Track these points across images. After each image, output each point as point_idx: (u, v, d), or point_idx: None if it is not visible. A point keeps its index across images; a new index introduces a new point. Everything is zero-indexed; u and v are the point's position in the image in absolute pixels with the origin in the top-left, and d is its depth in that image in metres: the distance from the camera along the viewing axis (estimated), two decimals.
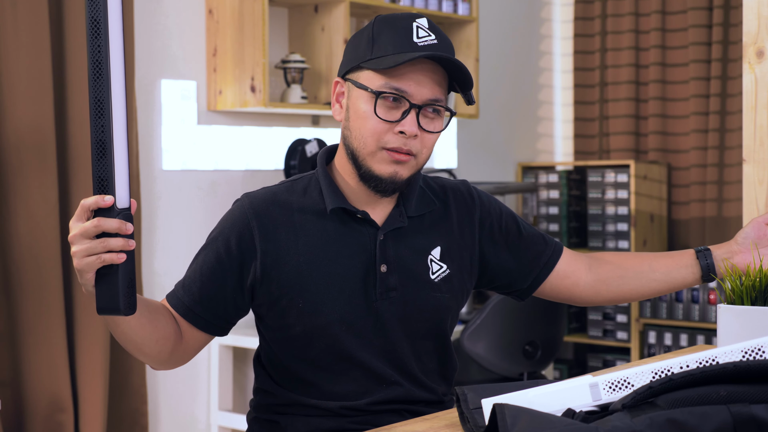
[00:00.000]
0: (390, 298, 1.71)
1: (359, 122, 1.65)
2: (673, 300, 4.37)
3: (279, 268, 1.68)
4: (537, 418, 1.22)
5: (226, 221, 1.73)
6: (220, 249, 1.69)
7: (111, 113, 1.37)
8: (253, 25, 3.43)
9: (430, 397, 1.77)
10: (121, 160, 1.40)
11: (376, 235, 1.71)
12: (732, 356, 1.35)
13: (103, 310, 1.40)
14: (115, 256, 1.37)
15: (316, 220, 1.71)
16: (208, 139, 3.60)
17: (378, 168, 1.65)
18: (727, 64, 4.46)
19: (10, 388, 3.01)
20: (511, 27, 4.84)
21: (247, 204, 1.72)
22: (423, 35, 1.65)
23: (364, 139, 1.65)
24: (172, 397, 3.52)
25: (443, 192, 1.83)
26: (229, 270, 1.69)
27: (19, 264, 2.98)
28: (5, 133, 2.96)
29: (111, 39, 1.34)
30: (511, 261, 1.86)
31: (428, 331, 1.76)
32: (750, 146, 2.40)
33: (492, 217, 1.85)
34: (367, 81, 1.66)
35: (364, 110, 1.65)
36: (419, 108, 1.64)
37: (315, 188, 1.74)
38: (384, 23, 1.67)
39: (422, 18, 1.67)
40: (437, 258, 1.76)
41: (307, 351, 1.71)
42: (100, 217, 1.38)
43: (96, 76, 1.34)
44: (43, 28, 2.98)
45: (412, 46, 1.63)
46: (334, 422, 1.71)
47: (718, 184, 4.47)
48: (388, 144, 1.64)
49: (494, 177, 4.75)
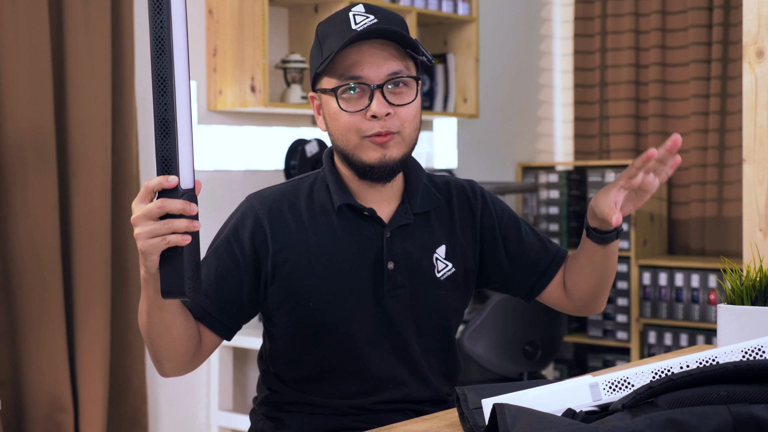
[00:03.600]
0: (398, 295, 1.71)
1: (335, 123, 1.68)
2: (673, 300, 4.37)
3: (289, 267, 1.69)
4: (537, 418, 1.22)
5: (237, 221, 1.72)
6: (235, 249, 1.69)
7: (174, 91, 1.30)
8: (253, 25, 3.43)
9: (434, 397, 1.77)
10: (185, 139, 1.33)
11: (383, 233, 1.72)
12: (732, 356, 1.35)
13: (168, 293, 1.37)
14: (180, 237, 1.35)
15: (324, 218, 1.72)
16: (208, 139, 3.60)
17: (366, 157, 1.67)
18: (727, 64, 4.46)
19: (10, 388, 3.01)
20: (511, 27, 4.84)
21: (257, 203, 1.72)
22: (361, 20, 1.66)
23: (344, 137, 1.67)
24: (172, 397, 3.52)
25: (447, 189, 1.83)
26: (244, 270, 1.69)
27: (19, 264, 2.98)
28: (5, 133, 2.96)
29: (174, 15, 1.30)
30: (507, 264, 1.85)
31: (434, 329, 1.77)
32: (750, 146, 2.40)
33: (493, 217, 1.85)
34: (327, 84, 1.69)
35: (334, 110, 1.68)
36: (381, 87, 1.65)
37: (321, 186, 1.75)
38: (324, 25, 1.70)
39: (358, 5, 1.69)
40: (442, 257, 1.77)
41: (317, 349, 1.71)
42: (164, 198, 1.34)
43: (159, 53, 1.30)
44: (43, 28, 2.98)
45: (351, 33, 1.64)
46: (338, 421, 1.72)
47: (718, 184, 4.47)
48: (366, 132, 1.66)
49: (494, 177, 4.75)
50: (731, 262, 1.95)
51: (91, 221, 3.10)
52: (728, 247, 4.46)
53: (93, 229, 3.10)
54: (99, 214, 3.11)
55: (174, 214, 1.35)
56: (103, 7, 3.12)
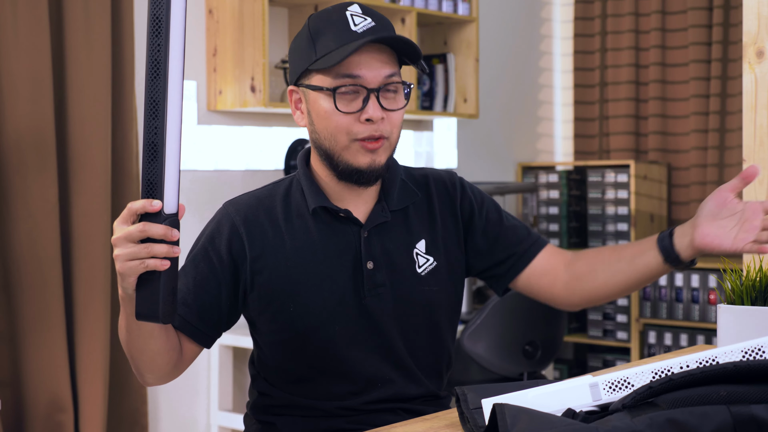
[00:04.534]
0: (379, 294, 1.70)
1: (324, 122, 1.65)
2: (673, 300, 4.37)
3: (268, 273, 1.68)
4: (537, 418, 1.22)
5: (213, 229, 1.71)
6: (212, 258, 1.68)
7: (166, 115, 1.31)
8: (253, 25, 3.43)
9: (425, 393, 1.76)
10: (173, 163, 1.34)
11: (360, 233, 1.71)
12: (732, 356, 1.35)
13: (142, 316, 1.37)
14: (158, 262, 1.35)
15: (300, 222, 1.71)
16: (208, 139, 3.60)
17: (355, 160, 1.65)
18: (727, 64, 4.46)
19: (10, 388, 3.01)
20: (511, 27, 4.84)
21: (233, 211, 1.72)
22: (359, 21, 1.65)
23: (333, 137, 1.65)
24: (172, 397, 3.52)
25: (425, 182, 1.81)
26: (222, 279, 1.68)
27: (19, 264, 2.98)
28: (5, 133, 2.96)
29: (172, 39, 1.30)
30: (487, 248, 1.82)
31: (420, 325, 1.75)
32: (750, 146, 2.40)
33: (473, 203, 1.83)
34: (320, 81, 1.65)
35: (325, 109, 1.65)
36: (377, 91, 1.64)
37: (297, 190, 1.74)
38: (318, 21, 1.67)
39: (353, 5, 1.67)
40: (423, 251, 1.75)
41: (301, 353, 1.71)
42: (146, 221, 1.35)
43: (153, 76, 1.29)
44: (43, 28, 2.98)
45: (352, 35, 1.63)
46: (330, 423, 1.71)
47: (718, 184, 4.46)
48: (358, 135, 1.64)
49: (494, 177, 4.75)
50: (731, 262, 1.95)
51: (91, 221, 3.10)
52: None
53: (93, 229, 3.10)
54: (99, 214, 3.11)
55: (155, 239, 1.35)
56: (103, 7, 3.12)
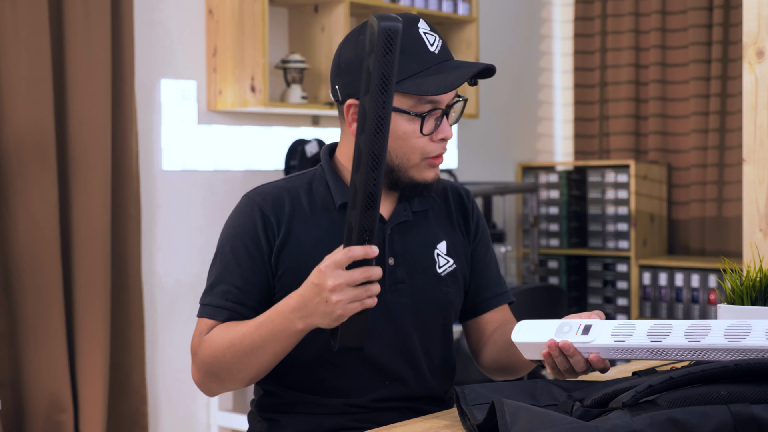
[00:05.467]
0: (399, 290, 1.72)
1: (401, 142, 1.67)
2: (673, 300, 4.37)
3: (292, 261, 1.69)
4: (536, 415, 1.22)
5: (246, 222, 1.71)
6: (253, 251, 1.69)
7: (383, 168, 1.40)
8: (253, 25, 3.42)
9: (432, 394, 1.78)
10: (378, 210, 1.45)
11: (384, 229, 1.73)
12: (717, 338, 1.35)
13: (345, 348, 1.50)
14: (373, 300, 1.47)
15: (324, 215, 1.72)
16: (208, 139, 3.60)
17: (421, 176, 1.69)
18: (727, 64, 4.46)
19: (10, 388, 3.01)
20: (511, 27, 4.84)
21: (260, 200, 1.72)
22: (432, 41, 1.67)
23: (407, 156, 1.68)
24: (172, 397, 3.52)
25: (443, 191, 1.86)
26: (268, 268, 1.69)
27: (19, 264, 2.98)
28: (5, 133, 2.96)
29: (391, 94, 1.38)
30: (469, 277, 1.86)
31: (435, 325, 1.77)
32: (750, 146, 2.40)
33: (479, 226, 1.88)
34: (398, 103, 1.64)
35: (404, 130, 1.66)
36: (448, 110, 1.68)
37: (320, 184, 1.75)
38: None
39: (421, 21, 1.68)
40: (444, 253, 1.78)
41: (314, 345, 1.71)
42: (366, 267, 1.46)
43: (377, 131, 1.37)
44: (43, 28, 2.98)
45: (432, 57, 1.65)
46: (336, 420, 1.71)
47: (718, 184, 4.47)
48: (431, 154, 1.68)
49: (494, 177, 4.75)
50: (731, 262, 1.95)
51: (91, 221, 3.10)
52: (728, 247, 4.46)
53: (93, 229, 3.10)
54: (99, 214, 3.11)
55: None
56: (103, 7, 3.12)
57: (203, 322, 1.69)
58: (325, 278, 1.46)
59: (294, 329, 1.55)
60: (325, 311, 1.48)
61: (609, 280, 4.58)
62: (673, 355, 1.39)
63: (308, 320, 1.52)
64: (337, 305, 1.46)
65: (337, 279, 1.45)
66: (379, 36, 1.34)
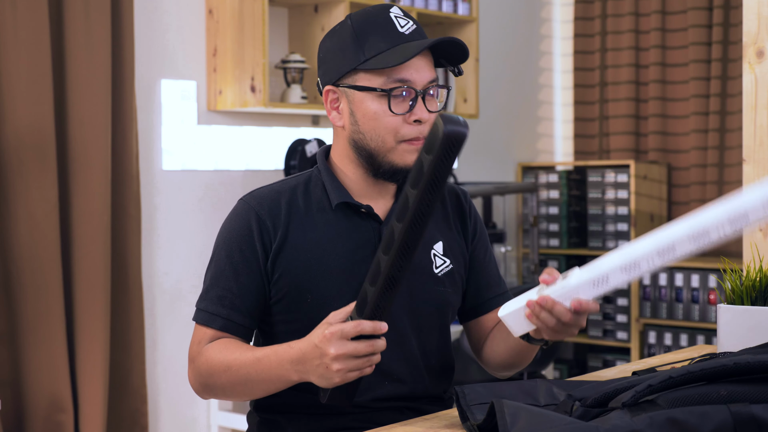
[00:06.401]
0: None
1: (372, 123, 1.67)
2: (673, 300, 4.37)
3: (288, 263, 1.69)
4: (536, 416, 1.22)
5: (242, 225, 1.71)
6: (249, 256, 1.69)
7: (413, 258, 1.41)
8: (253, 25, 3.43)
9: (431, 394, 1.78)
10: None
11: (380, 229, 1.73)
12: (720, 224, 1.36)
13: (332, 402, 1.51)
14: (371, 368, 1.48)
15: (322, 215, 1.72)
16: (208, 139, 3.60)
17: (401, 160, 1.68)
18: (727, 64, 4.46)
19: (10, 388, 3.01)
20: (511, 27, 4.84)
21: (255, 204, 1.72)
22: (404, 23, 1.68)
23: (382, 138, 1.67)
24: (172, 397, 3.52)
25: None
26: (263, 272, 1.70)
27: (19, 264, 2.98)
28: (5, 133, 2.96)
29: None
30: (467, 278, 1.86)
31: (432, 325, 1.77)
32: (750, 146, 2.40)
33: (477, 227, 1.88)
34: (368, 82, 1.67)
35: (374, 110, 1.66)
36: (423, 93, 1.67)
37: (317, 185, 1.75)
38: (362, 21, 1.69)
39: (393, 7, 1.70)
40: (440, 253, 1.78)
41: None
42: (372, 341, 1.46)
43: (416, 224, 1.38)
44: (43, 28, 2.98)
45: (401, 36, 1.66)
46: (336, 420, 1.71)
47: (718, 184, 4.47)
48: (406, 136, 1.67)
49: (494, 177, 4.75)
50: (731, 262, 1.95)
51: (91, 221, 3.10)
52: (728, 247, 4.45)
53: (93, 229, 3.10)
54: (99, 214, 3.11)
55: None
56: (103, 7, 3.12)
57: (200, 329, 1.70)
58: (328, 345, 1.46)
59: (288, 379, 1.56)
60: (323, 374, 1.49)
61: None
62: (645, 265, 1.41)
63: (304, 376, 1.53)
64: (337, 373, 1.46)
65: (341, 349, 1.45)
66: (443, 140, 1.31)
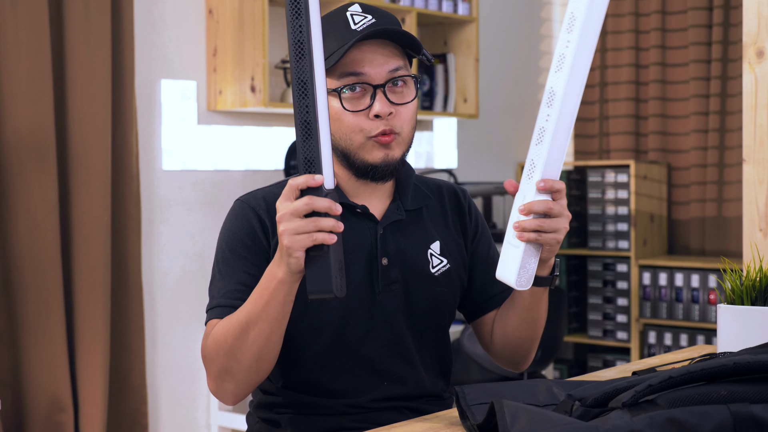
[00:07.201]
0: (393, 290, 1.72)
1: (337, 124, 1.67)
2: (673, 300, 4.37)
3: None
4: (536, 416, 1.22)
5: (242, 223, 1.71)
6: (250, 244, 1.68)
7: (315, 93, 1.38)
8: (253, 25, 3.43)
9: (430, 393, 1.78)
10: (325, 140, 1.40)
11: (376, 229, 1.73)
12: None
13: (315, 293, 1.40)
14: (327, 236, 1.38)
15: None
16: (208, 139, 3.60)
17: (370, 157, 1.67)
18: (727, 64, 4.47)
19: (10, 388, 3.01)
20: (511, 27, 4.84)
21: (254, 203, 1.72)
22: (359, 20, 1.66)
23: (347, 137, 1.67)
24: (172, 397, 3.52)
25: (438, 189, 1.85)
26: (267, 261, 1.67)
27: (19, 264, 2.98)
28: (5, 133, 2.96)
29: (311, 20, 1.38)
30: (469, 275, 1.85)
31: (429, 324, 1.77)
32: (750, 146, 2.40)
33: (478, 225, 1.87)
34: (328, 84, 1.65)
35: (335, 111, 1.66)
36: (383, 86, 1.65)
37: None
38: (325, 23, 1.67)
39: (354, 5, 1.69)
40: (437, 252, 1.78)
41: (311, 347, 1.71)
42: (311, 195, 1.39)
43: (298, 57, 1.37)
44: (43, 28, 2.98)
45: (351, 34, 1.64)
46: (335, 421, 1.71)
47: (718, 184, 4.47)
48: (371, 132, 1.66)
49: (494, 177, 4.75)
50: (731, 262, 1.95)
51: (91, 221, 3.10)
52: (728, 247, 4.46)
53: (93, 229, 3.10)
54: (99, 214, 3.11)
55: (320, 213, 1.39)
56: (103, 7, 3.12)
57: (210, 325, 1.66)
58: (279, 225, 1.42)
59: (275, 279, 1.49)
60: (280, 248, 1.43)
61: (609, 280, 4.58)
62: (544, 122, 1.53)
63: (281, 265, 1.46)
64: (284, 236, 1.40)
65: (282, 210, 1.41)
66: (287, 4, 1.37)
